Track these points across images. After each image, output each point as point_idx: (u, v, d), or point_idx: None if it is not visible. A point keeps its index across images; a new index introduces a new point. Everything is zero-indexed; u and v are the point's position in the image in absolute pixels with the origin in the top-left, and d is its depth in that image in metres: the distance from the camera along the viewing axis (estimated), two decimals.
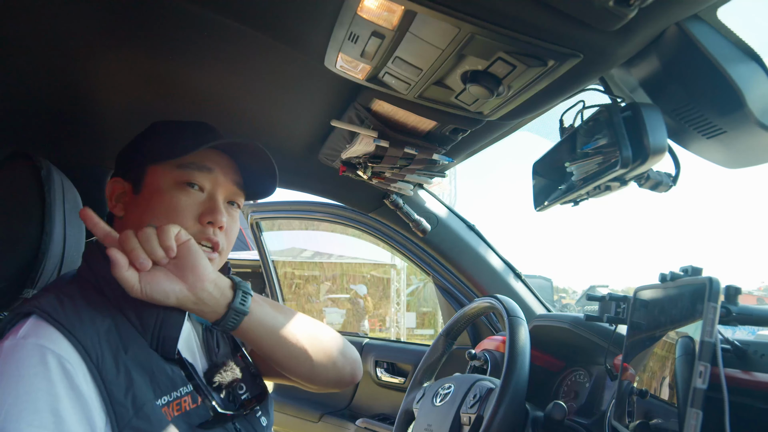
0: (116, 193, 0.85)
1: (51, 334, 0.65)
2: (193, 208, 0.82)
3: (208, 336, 0.88)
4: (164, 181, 0.82)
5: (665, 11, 0.63)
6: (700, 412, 0.66)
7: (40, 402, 0.61)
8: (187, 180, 0.82)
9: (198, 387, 0.78)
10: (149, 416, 0.68)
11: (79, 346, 0.65)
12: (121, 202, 0.84)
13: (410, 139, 1.03)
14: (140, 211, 0.81)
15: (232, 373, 0.84)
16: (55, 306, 0.68)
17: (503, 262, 1.68)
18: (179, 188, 0.82)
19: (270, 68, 0.92)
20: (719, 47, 0.68)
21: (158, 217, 0.79)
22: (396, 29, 0.68)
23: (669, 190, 0.85)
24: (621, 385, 0.97)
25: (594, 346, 1.24)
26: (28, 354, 0.63)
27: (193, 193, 0.82)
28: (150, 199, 0.81)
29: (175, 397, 0.73)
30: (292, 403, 2.15)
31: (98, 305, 0.72)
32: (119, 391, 0.67)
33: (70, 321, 0.67)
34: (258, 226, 2.30)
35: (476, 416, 1.01)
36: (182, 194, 0.81)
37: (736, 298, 0.80)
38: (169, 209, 0.80)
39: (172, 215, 0.80)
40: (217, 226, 0.83)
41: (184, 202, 0.81)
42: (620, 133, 0.72)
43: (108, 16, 0.79)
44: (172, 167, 0.82)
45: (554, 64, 0.70)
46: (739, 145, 0.78)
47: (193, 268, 0.74)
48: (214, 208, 0.83)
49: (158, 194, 0.81)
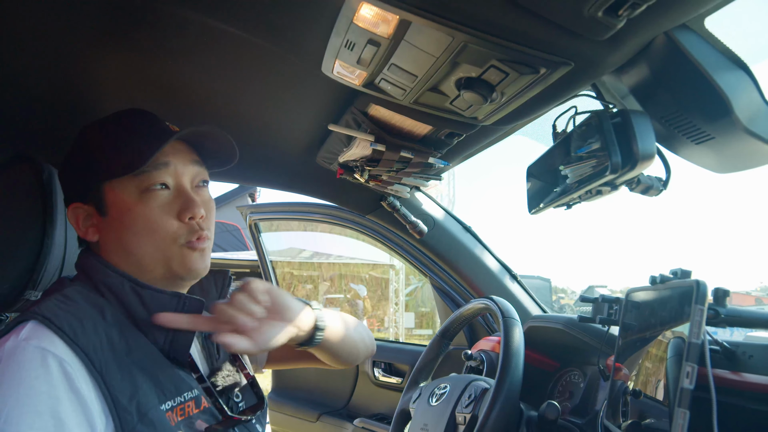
0: (81, 219, 0.80)
1: (52, 339, 0.64)
2: (168, 209, 0.78)
3: (209, 342, 0.88)
4: (127, 195, 0.77)
5: (654, 21, 0.65)
6: (687, 411, 0.67)
7: (41, 405, 0.60)
8: (150, 184, 0.77)
9: (208, 390, 0.78)
10: (153, 422, 0.67)
11: (81, 353, 0.65)
12: (90, 226, 0.80)
13: (406, 143, 1.04)
14: (116, 233, 0.78)
15: (233, 377, 0.85)
16: (56, 312, 0.67)
17: (499, 264, 1.69)
18: (146, 196, 0.77)
19: (268, 73, 0.93)
20: (707, 56, 0.70)
21: (137, 233, 0.76)
22: (391, 37, 0.70)
23: (660, 194, 0.86)
24: (614, 386, 0.98)
25: (588, 346, 1.26)
26: (29, 356, 0.63)
27: (161, 194, 0.78)
28: (121, 218, 0.77)
29: (179, 402, 0.73)
30: (289, 404, 2.16)
31: (100, 310, 0.72)
32: (123, 397, 0.66)
33: (71, 328, 0.66)
34: (257, 227, 2.32)
35: (471, 416, 1.02)
36: (151, 201, 0.77)
37: (725, 300, 0.81)
38: (146, 223, 0.76)
39: (151, 227, 0.77)
40: (198, 218, 0.79)
41: (157, 209, 0.77)
42: (610, 139, 0.73)
43: (109, 22, 0.80)
44: (129, 177, 0.77)
45: (546, 72, 0.72)
46: (727, 150, 0.79)
47: (287, 308, 0.81)
48: (188, 201, 0.79)
49: (127, 211, 0.77)
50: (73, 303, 0.70)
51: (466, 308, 1.25)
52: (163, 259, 0.78)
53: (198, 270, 0.81)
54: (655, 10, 0.60)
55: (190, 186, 0.82)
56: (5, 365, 0.62)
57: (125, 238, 0.77)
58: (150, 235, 0.76)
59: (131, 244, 0.77)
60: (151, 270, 0.78)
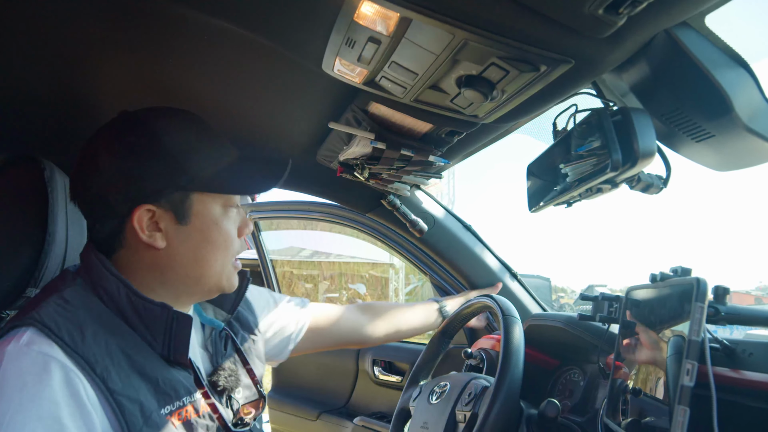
0: (146, 222, 0.75)
1: (53, 347, 0.65)
2: (235, 227, 0.83)
3: (216, 338, 0.89)
4: (215, 209, 0.80)
5: (654, 19, 0.65)
6: (687, 409, 0.68)
7: (43, 410, 0.61)
8: (234, 203, 0.83)
9: (206, 396, 0.78)
10: (158, 424, 0.68)
11: (81, 361, 0.65)
12: (157, 231, 0.76)
13: (407, 141, 1.04)
14: (193, 243, 0.78)
15: (236, 378, 0.85)
16: (55, 320, 0.67)
17: (499, 262, 1.69)
18: (228, 212, 0.82)
19: (269, 71, 0.93)
20: (707, 53, 0.70)
21: (218, 247, 0.80)
22: (392, 35, 0.69)
23: (660, 192, 0.87)
24: (613, 384, 0.98)
25: (588, 345, 1.26)
26: (31, 362, 0.63)
27: (234, 212, 0.83)
28: (205, 230, 0.78)
29: (177, 406, 0.73)
30: (290, 402, 2.16)
31: (99, 315, 0.72)
32: (127, 401, 0.67)
33: (71, 337, 0.66)
34: (256, 226, 2.32)
35: (471, 414, 1.02)
36: (231, 218, 0.82)
37: (725, 298, 0.81)
38: (226, 238, 0.80)
39: (228, 243, 0.81)
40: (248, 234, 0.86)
41: (232, 226, 0.82)
42: (610, 137, 0.73)
43: (110, 22, 0.80)
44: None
45: (546, 70, 0.72)
46: (727, 148, 0.80)
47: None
48: (245, 220, 0.85)
49: (214, 225, 0.79)
50: (72, 308, 0.70)
51: (465, 306, 1.25)
52: (220, 273, 0.81)
53: (235, 287, 0.86)
54: (655, 8, 0.60)
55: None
56: (6, 370, 0.62)
57: (203, 250, 0.79)
58: (225, 250, 0.81)
59: (206, 256, 0.79)
60: (206, 282, 0.81)
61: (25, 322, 0.66)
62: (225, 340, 0.90)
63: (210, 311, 0.92)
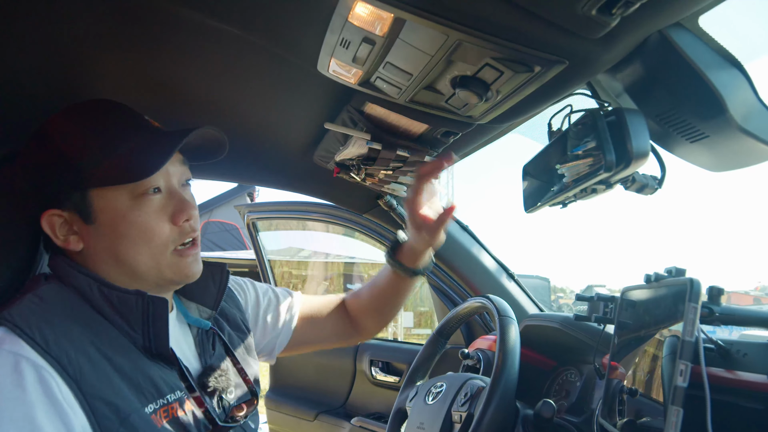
0: (57, 226, 0.74)
1: (24, 347, 0.63)
2: (162, 214, 0.76)
3: (204, 338, 0.87)
4: (121, 201, 0.73)
5: (648, 19, 0.65)
6: (680, 409, 0.68)
7: (15, 411, 0.59)
8: (145, 189, 0.74)
9: (192, 390, 0.76)
10: (136, 426, 0.66)
11: (54, 362, 0.63)
12: (71, 234, 0.75)
13: (402, 142, 1.04)
14: (107, 240, 0.74)
15: (226, 377, 0.84)
16: (27, 318, 0.65)
17: (496, 263, 1.70)
18: (141, 201, 0.74)
19: (265, 71, 0.93)
20: (701, 54, 0.70)
21: (134, 241, 0.74)
22: (386, 36, 0.70)
23: (655, 193, 0.87)
24: (609, 384, 0.99)
25: (584, 345, 1.26)
26: (1, 362, 0.61)
27: (155, 198, 0.75)
28: (114, 225, 0.73)
29: (161, 404, 0.71)
30: (287, 402, 2.16)
31: (75, 313, 0.70)
32: (101, 402, 0.64)
33: (43, 337, 0.64)
34: (254, 227, 2.32)
35: (467, 414, 1.02)
36: (147, 206, 0.74)
37: (719, 298, 0.82)
38: (142, 230, 0.74)
39: (148, 234, 0.74)
40: (192, 220, 0.78)
41: (153, 214, 0.75)
42: (604, 137, 0.74)
43: (107, 21, 0.80)
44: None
45: (541, 70, 0.72)
46: (722, 149, 0.80)
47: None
48: (181, 204, 0.77)
49: (122, 218, 0.73)
50: (46, 306, 0.68)
51: (462, 307, 1.25)
52: (156, 267, 0.76)
53: (193, 274, 0.81)
54: (648, 9, 0.60)
55: (178, 186, 0.79)
56: None
57: (118, 247, 0.74)
58: (145, 243, 0.74)
59: (125, 253, 0.74)
60: (145, 278, 0.77)
61: None
62: (212, 339, 0.89)
63: (194, 310, 0.90)
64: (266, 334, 1.08)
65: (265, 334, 1.08)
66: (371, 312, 1.18)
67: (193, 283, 0.88)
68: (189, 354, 0.84)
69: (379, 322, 1.20)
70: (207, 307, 0.90)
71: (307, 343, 1.15)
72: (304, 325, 1.13)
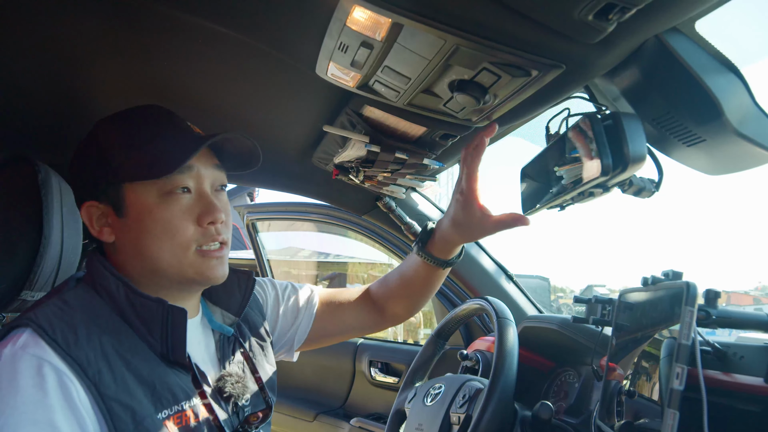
0: (95, 218, 0.79)
1: (46, 349, 0.65)
2: (188, 214, 0.77)
3: (225, 344, 0.88)
4: (149, 197, 0.76)
5: (644, 25, 0.65)
6: (677, 412, 0.68)
7: (37, 413, 0.61)
8: (173, 187, 0.76)
9: (206, 402, 0.77)
10: (149, 430, 0.68)
11: (74, 364, 0.65)
12: (104, 226, 0.79)
13: (401, 144, 1.05)
14: (134, 234, 0.77)
15: (243, 384, 0.84)
16: (51, 321, 0.67)
17: (495, 264, 1.70)
18: (168, 199, 0.76)
19: (264, 75, 0.94)
20: (698, 59, 0.70)
21: (157, 237, 0.75)
22: (384, 40, 0.70)
23: (652, 196, 0.87)
24: (607, 386, 0.99)
25: (582, 347, 1.27)
26: (26, 365, 0.63)
27: (183, 198, 0.77)
28: (140, 220, 0.76)
29: (176, 410, 0.72)
30: (287, 403, 2.17)
31: (98, 317, 0.72)
32: (118, 406, 0.66)
33: (65, 339, 0.66)
34: (254, 227, 2.32)
35: (465, 416, 1.03)
36: (173, 204, 0.76)
37: (716, 301, 0.82)
38: (165, 226, 0.75)
39: (171, 231, 0.76)
40: (218, 223, 0.79)
41: (178, 213, 0.76)
42: (601, 141, 0.74)
43: (106, 24, 0.81)
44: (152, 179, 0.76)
45: (538, 75, 0.72)
46: (718, 153, 0.80)
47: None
48: (208, 206, 0.78)
49: (148, 213, 0.75)
50: (70, 310, 0.70)
51: (461, 308, 1.25)
52: (178, 265, 0.77)
53: (216, 277, 0.80)
54: (645, 14, 0.60)
55: (210, 190, 0.80)
56: (2, 373, 0.63)
57: (143, 241, 0.76)
58: (168, 240, 0.76)
59: (149, 248, 0.76)
60: (167, 275, 0.78)
61: (21, 324, 0.67)
62: (233, 345, 0.89)
63: (218, 315, 0.91)
64: (285, 329, 1.07)
65: (285, 329, 1.07)
66: (401, 299, 1.13)
67: (219, 288, 0.90)
68: (208, 359, 0.85)
69: (410, 308, 1.15)
70: (231, 313, 0.92)
71: (328, 335, 1.13)
72: (325, 317, 1.10)
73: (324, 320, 1.10)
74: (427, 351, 1.32)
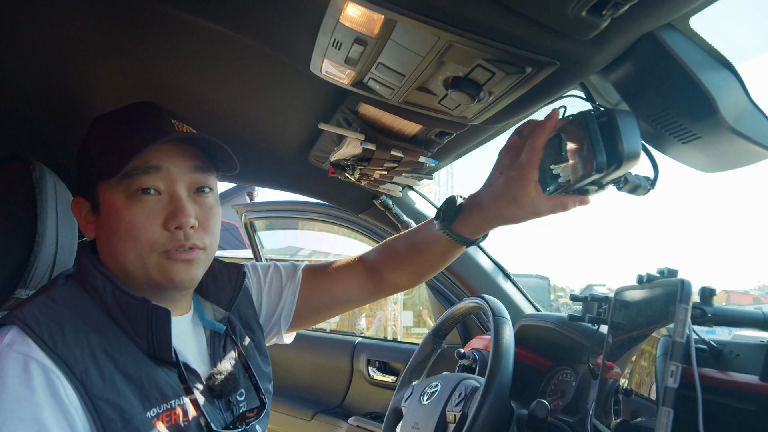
0: (83, 214, 0.79)
1: (33, 347, 0.64)
2: (153, 217, 0.74)
3: (215, 340, 0.87)
4: (117, 197, 0.74)
5: (638, 21, 0.65)
6: (671, 410, 0.68)
7: (23, 411, 0.60)
8: (138, 188, 0.74)
9: (194, 399, 0.76)
10: (139, 428, 0.67)
11: (61, 362, 0.64)
12: (89, 222, 0.79)
13: (396, 142, 1.05)
14: (105, 233, 0.76)
15: (235, 381, 0.83)
16: (38, 319, 0.66)
17: (493, 263, 1.70)
18: (133, 200, 0.74)
19: (259, 73, 0.94)
20: (692, 55, 0.70)
21: (122, 239, 0.74)
22: (378, 37, 0.70)
23: (648, 194, 0.86)
24: (603, 384, 0.99)
25: (579, 345, 1.26)
26: (12, 362, 0.62)
27: (151, 200, 0.74)
28: (109, 220, 0.75)
29: (165, 408, 0.72)
30: (284, 402, 2.17)
31: (86, 315, 0.71)
32: (106, 405, 0.66)
33: (52, 337, 0.65)
34: (252, 226, 2.32)
35: (461, 414, 1.03)
36: (138, 206, 0.74)
37: (711, 299, 0.82)
38: (128, 228, 0.73)
39: (133, 232, 0.73)
40: (186, 228, 0.75)
41: (143, 215, 0.74)
42: (595, 138, 0.73)
43: (102, 23, 0.81)
44: (119, 179, 0.73)
45: (532, 71, 0.72)
46: (714, 150, 0.79)
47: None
48: (176, 210, 0.75)
49: (115, 213, 0.74)
50: (58, 308, 0.70)
51: (457, 307, 1.25)
52: (143, 267, 0.75)
53: (182, 280, 0.77)
54: (638, 10, 0.60)
55: (186, 193, 0.77)
56: None
57: (112, 242, 0.76)
58: (131, 242, 0.74)
59: (116, 249, 0.75)
60: (134, 276, 0.76)
61: (8, 321, 0.66)
62: (224, 341, 0.88)
63: (209, 310, 0.90)
64: (271, 310, 1.04)
65: (270, 310, 1.04)
66: (407, 271, 1.05)
67: (210, 283, 0.90)
68: (199, 356, 0.84)
69: (414, 280, 1.09)
70: (221, 308, 0.91)
71: (316, 311, 1.07)
72: (310, 292, 1.05)
73: (310, 295, 1.05)
74: (424, 350, 1.32)
